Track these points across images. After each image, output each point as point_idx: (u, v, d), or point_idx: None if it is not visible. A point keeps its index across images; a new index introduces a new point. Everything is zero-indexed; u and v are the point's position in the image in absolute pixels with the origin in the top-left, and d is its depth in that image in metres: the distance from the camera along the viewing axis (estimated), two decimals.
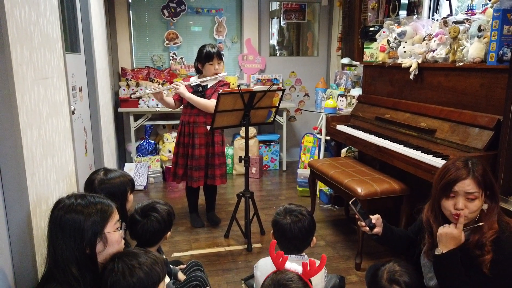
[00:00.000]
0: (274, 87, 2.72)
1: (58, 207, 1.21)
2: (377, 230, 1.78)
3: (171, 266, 1.96)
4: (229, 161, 4.61)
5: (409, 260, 1.78)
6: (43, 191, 1.51)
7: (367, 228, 1.77)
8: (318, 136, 3.99)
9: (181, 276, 1.99)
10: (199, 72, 3.08)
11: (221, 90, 2.64)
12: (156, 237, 1.79)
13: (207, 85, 3.01)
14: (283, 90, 2.81)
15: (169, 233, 1.84)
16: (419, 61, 2.65)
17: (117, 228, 1.27)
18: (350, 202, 1.82)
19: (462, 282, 1.48)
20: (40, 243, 1.42)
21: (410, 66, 2.69)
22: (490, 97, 2.16)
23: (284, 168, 4.87)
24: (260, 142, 4.76)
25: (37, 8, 1.55)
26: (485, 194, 1.49)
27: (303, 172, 3.92)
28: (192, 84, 3.01)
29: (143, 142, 4.47)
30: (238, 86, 2.65)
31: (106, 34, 3.98)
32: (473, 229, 1.51)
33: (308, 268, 1.25)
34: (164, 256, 1.91)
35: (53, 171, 1.65)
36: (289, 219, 1.71)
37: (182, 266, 2.10)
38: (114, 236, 1.25)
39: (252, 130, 4.63)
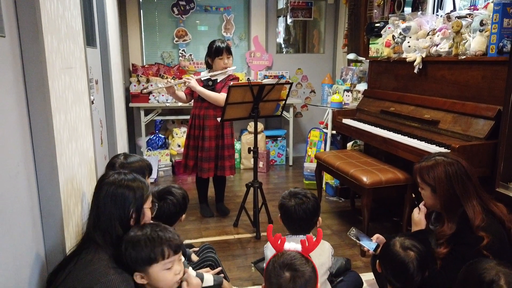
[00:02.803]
0: (282, 81, 2.82)
1: (109, 181, 1.35)
2: None
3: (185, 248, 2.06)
4: (236, 155, 4.70)
5: None
6: (69, 172, 1.62)
7: (371, 252, 1.86)
8: (324, 130, 4.08)
9: (194, 258, 2.09)
10: (209, 66, 3.18)
11: (231, 83, 2.74)
12: (172, 219, 1.89)
13: (217, 79, 3.11)
14: (291, 84, 2.91)
15: (183, 215, 1.94)
16: (423, 55, 2.73)
17: (150, 208, 1.46)
18: (348, 234, 1.98)
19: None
20: (66, 219, 1.53)
21: (415, 60, 2.78)
22: (492, 88, 2.24)
23: (291, 163, 4.96)
24: (267, 137, 4.86)
25: (63, 2, 1.66)
26: (432, 190, 1.69)
27: (310, 166, 4.01)
28: (202, 78, 3.11)
29: (153, 137, 4.58)
30: (248, 79, 2.74)
31: (118, 31, 4.10)
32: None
33: (307, 244, 1.31)
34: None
35: (77, 154, 1.76)
36: (293, 202, 1.80)
37: (195, 249, 2.20)
38: (148, 213, 1.44)
39: (260, 125, 4.72)
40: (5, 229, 1.12)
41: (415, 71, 2.80)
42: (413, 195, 1.97)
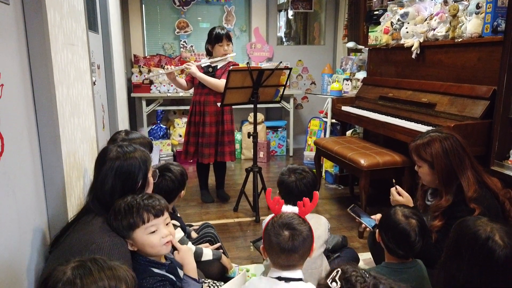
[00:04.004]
0: (282, 66, 2.86)
1: (112, 156, 1.38)
2: None
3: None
4: (237, 146, 4.74)
5: None
6: (71, 145, 1.66)
7: (369, 228, 1.89)
8: (324, 119, 4.11)
9: (193, 235, 2.14)
10: (209, 54, 3.22)
11: (231, 67, 2.78)
12: (171, 195, 1.93)
13: (217, 66, 3.15)
14: (290, 69, 2.94)
15: (183, 192, 1.98)
16: (421, 40, 2.76)
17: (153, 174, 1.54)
18: (348, 209, 2.00)
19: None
20: (68, 189, 1.57)
21: (412, 46, 2.81)
22: (487, 69, 2.27)
23: (291, 154, 5.00)
24: (267, 128, 4.89)
25: None
26: (429, 166, 1.71)
27: (309, 154, 4.05)
28: (202, 65, 3.15)
29: (154, 127, 4.63)
30: (247, 63, 2.78)
31: (120, 21, 4.14)
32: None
33: (304, 206, 1.36)
34: (178, 215, 2.06)
35: (79, 130, 1.81)
36: (293, 177, 1.84)
37: (195, 227, 2.24)
38: (151, 180, 1.51)
39: (260, 116, 4.75)
40: (9, 190, 1.16)
41: (413, 56, 2.83)
42: (393, 180, 1.99)
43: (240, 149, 4.82)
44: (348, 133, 3.80)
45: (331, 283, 0.84)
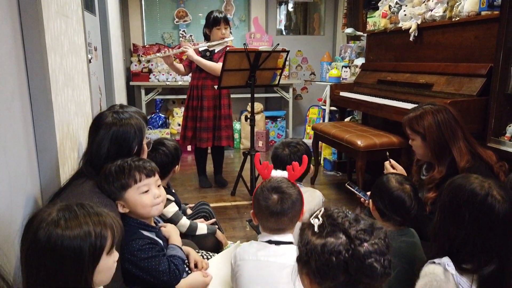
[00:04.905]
0: (279, 48, 2.85)
1: (108, 122, 1.39)
2: None
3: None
4: (236, 135, 4.73)
5: None
6: (64, 115, 1.66)
7: (366, 202, 1.88)
8: (323, 107, 4.10)
9: (189, 212, 2.14)
10: (207, 38, 3.22)
11: (228, 49, 2.77)
12: (165, 170, 1.92)
13: (214, 50, 3.15)
14: (288, 52, 2.94)
15: (177, 167, 1.98)
16: (418, 22, 2.75)
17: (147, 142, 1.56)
18: (346, 184, 2.01)
19: None
20: (61, 158, 1.57)
21: (410, 28, 2.79)
22: (484, 47, 2.26)
23: None
24: (266, 118, 4.89)
25: None
26: (422, 138, 1.71)
27: (308, 142, 4.03)
28: (200, 49, 3.15)
29: (153, 116, 4.63)
30: (244, 44, 2.78)
31: (119, 8, 4.14)
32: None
33: (293, 170, 1.35)
34: (173, 190, 2.05)
35: (73, 102, 1.81)
36: (287, 151, 1.84)
37: (191, 205, 2.24)
38: (145, 147, 1.52)
39: (259, 106, 4.75)
40: None
41: (411, 38, 2.82)
42: (387, 153, 1.99)
43: (239, 139, 4.82)
44: (347, 120, 3.79)
45: (313, 220, 0.84)
